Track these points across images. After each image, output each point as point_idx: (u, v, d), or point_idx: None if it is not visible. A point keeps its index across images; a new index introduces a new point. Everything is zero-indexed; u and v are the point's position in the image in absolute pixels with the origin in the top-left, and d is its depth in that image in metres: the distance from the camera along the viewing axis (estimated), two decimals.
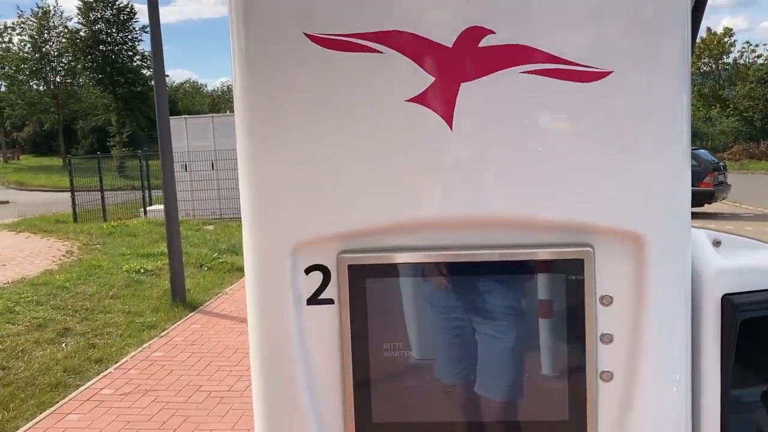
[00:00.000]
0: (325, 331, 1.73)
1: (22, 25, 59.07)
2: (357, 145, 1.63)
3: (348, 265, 1.69)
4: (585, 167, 1.61)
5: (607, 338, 1.68)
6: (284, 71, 1.64)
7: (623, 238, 1.65)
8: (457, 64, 1.58)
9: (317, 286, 1.72)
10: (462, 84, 1.58)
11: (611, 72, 1.58)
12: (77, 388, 7.18)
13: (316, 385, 1.74)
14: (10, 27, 60.35)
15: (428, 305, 1.73)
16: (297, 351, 1.73)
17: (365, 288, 1.70)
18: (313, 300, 1.73)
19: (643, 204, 1.63)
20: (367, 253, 1.69)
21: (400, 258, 1.68)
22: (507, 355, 1.72)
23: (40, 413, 6.57)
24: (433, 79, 1.59)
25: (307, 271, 1.72)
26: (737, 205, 21.76)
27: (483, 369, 1.73)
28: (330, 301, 1.72)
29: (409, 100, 1.60)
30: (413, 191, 1.64)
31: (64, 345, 8.54)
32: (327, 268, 1.72)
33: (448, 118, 1.59)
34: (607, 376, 1.69)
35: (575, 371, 1.68)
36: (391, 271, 1.69)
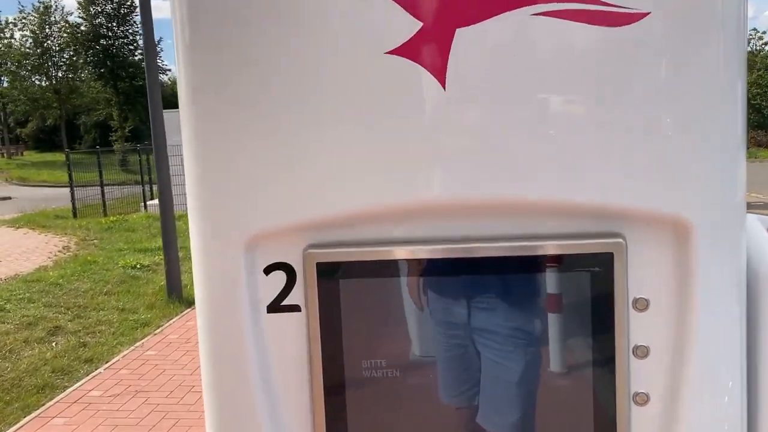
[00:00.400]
0: (289, 346, 1.39)
1: (24, 21, 58.81)
2: (325, 112, 1.29)
3: (317, 263, 1.35)
4: (614, 137, 1.27)
5: (641, 352, 1.34)
6: (229, 24, 1.29)
7: (663, 226, 1.31)
8: (450, 3, 1.23)
9: (279, 290, 1.39)
10: (457, 30, 1.23)
11: (648, 14, 1.23)
12: (64, 390, 6.86)
13: (281, 413, 1.40)
14: (11, 23, 60.13)
15: (418, 313, 1.39)
16: (255, 371, 1.39)
17: (339, 291, 1.36)
18: (275, 307, 1.39)
19: (688, 183, 1.28)
20: (340, 248, 1.35)
21: (383, 254, 1.34)
22: (515, 376, 1.38)
23: (24, 417, 6.25)
24: (420, 24, 1.24)
25: (267, 270, 1.38)
26: (747, 194, 21.26)
27: (488, 394, 1.39)
28: (296, 308, 1.38)
29: (389, 53, 1.25)
30: (397, 169, 1.29)
31: (53, 344, 8.22)
32: (291, 266, 1.38)
33: (440, 75, 1.25)
34: (642, 399, 1.35)
35: (602, 394, 1.34)
36: (370, 270, 1.35)
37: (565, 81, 1.25)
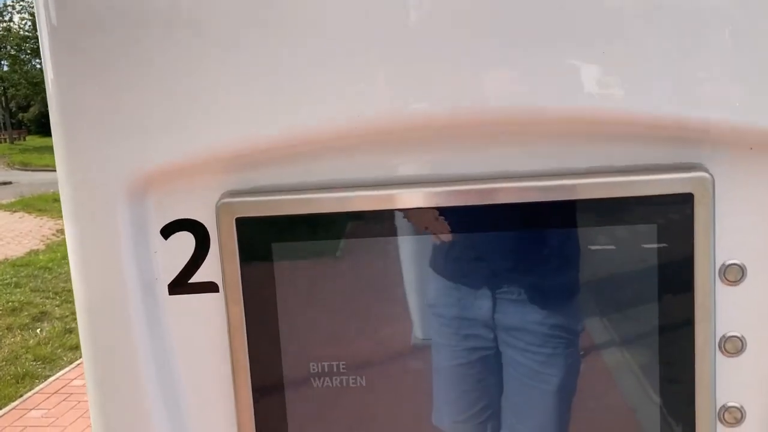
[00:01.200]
0: (202, 342, 0.94)
1: (22, 3, 58.22)
2: None
3: (238, 220, 0.88)
4: (696, 15, 0.80)
5: (732, 346, 0.88)
6: None
7: None
8: None
9: (185, 261, 0.93)
10: None
11: None
12: (45, 380, 6.46)
13: None
14: (10, 5, 59.61)
15: (399, 294, 0.93)
16: (154, 378, 0.94)
17: (273, 262, 0.89)
18: (180, 286, 0.93)
19: None
20: (274, 194, 0.89)
21: (341, 203, 0.88)
22: (554, 384, 0.92)
23: (0, 409, 5.85)
24: None
25: (166, 232, 0.92)
26: None
27: (516, 411, 0.94)
28: (210, 287, 0.93)
29: None
30: (366, 65, 0.83)
31: (38, 330, 7.81)
32: (201, 225, 0.92)
33: None
34: (733, 417, 0.89)
35: (675, 409, 0.88)
36: (322, 228, 0.89)
37: None
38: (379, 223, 0.88)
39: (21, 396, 6.09)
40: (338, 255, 0.90)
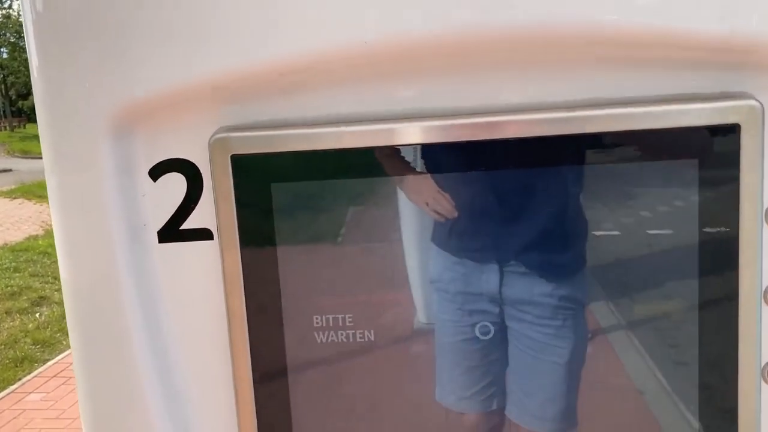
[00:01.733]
0: (196, 295, 0.86)
1: None
2: None
3: (233, 157, 0.80)
4: None
5: None
6: None
7: None
8: None
9: (177, 206, 0.84)
10: None
11: None
12: (44, 363, 6.40)
13: (184, 402, 0.87)
14: None
15: (405, 243, 0.85)
16: (142, 336, 0.86)
17: (272, 205, 0.81)
18: (171, 233, 0.85)
19: None
20: (273, 129, 0.80)
21: (348, 137, 0.79)
22: (557, 358, 0.85)
23: None
24: None
25: (155, 173, 0.84)
26: None
27: (519, 387, 0.87)
28: (204, 234, 0.84)
29: None
30: None
31: (37, 315, 7.76)
32: (193, 165, 0.83)
33: None
34: None
35: (713, 367, 0.80)
36: (328, 166, 0.81)
37: None
38: (388, 161, 0.79)
39: (20, 380, 6.03)
40: (343, 196, 0.81)
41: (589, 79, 0.78)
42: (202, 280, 0.85)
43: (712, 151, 0.75)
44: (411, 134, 0.78)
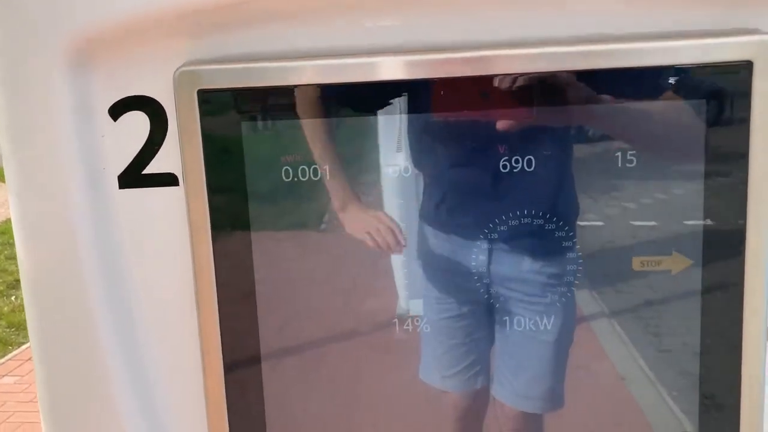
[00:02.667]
0: (159, 246, 0.79)
1: None
2: None
3: (200, 93, 0.73)
4: None
5: None
6: None
7: None
8: None
9: (138, 147, 0.77)
10: None
11: None
12: (20, 347, 6.28)
13: (146, 353, 0.81)
14: None
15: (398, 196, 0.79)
16: (100, 284, 0.79)
17: (243, 144, 0.74)
18: (133, 177, 0.78)
19: None
20: (245, 62, 0.73)
21: (328, 71, 0.72)
22: (545, 336, 0.81)
23: None
24: None
25: (115, 111, 0.77)
26: None
27: (505, 365, 0.82)
28: (168, 180, 0.78)
29: None
30: None
31: (12, 297, 7.61)
32: (157, 103, 0.76)
33: None
34: None
35: (717, 328, 0.75)
36: (305, 103, 0.74)
37: None
38: (370, 99, 0.73)
39: None
40: (319, 137, 0.75)
41: (590, 13, 0.72)
42: (167, 229, 0.78)
43: (721, 91, 0.69)
44: (396, 69, 0.71)
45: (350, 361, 0.80)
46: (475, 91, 0.72)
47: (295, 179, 0.74)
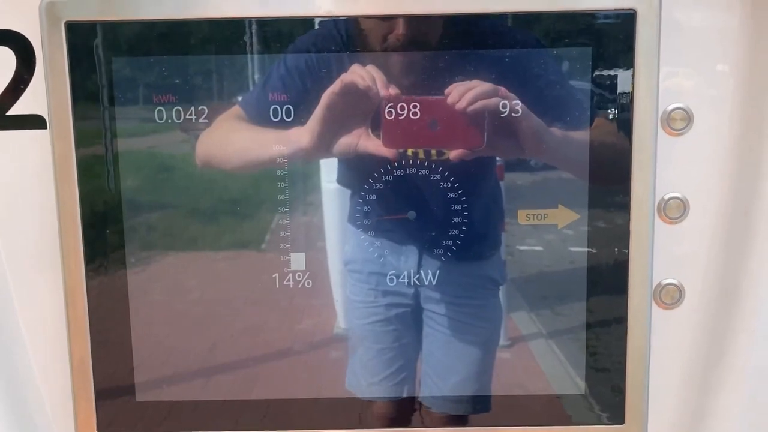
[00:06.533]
0: (25, 193, 0.74)
1: None
2: None
3: (67, 25, 0.68)
4: None
5: (673, 208, 0.75)
6: None
7: None
8: None
9: (3, 87, 0.72)
10: None
11: None
12: None
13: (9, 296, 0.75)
14: None
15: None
16: None
17: (113, 82, 0.70)
18: None
19: None
20: None
21: (215, 4, 0.69)
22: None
23: None
24: None
25: None
26: None
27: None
28: (35, 122, 0.73)
29: None
30: None
31: None
32: (23, 38, 0.71)
33: None
34: (670, 295, 0.76)
35: (604, 287, 0.74)
36: (182, 39, 0.70)
37: None
38: (263, 36, 0.69)
39: None
40: (197, 74, 0.71)
41: None
42: (34, 175, 0.73)
43: (606, 38, 0.68)
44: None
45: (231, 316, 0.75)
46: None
47: (169, 121, 0.70)
